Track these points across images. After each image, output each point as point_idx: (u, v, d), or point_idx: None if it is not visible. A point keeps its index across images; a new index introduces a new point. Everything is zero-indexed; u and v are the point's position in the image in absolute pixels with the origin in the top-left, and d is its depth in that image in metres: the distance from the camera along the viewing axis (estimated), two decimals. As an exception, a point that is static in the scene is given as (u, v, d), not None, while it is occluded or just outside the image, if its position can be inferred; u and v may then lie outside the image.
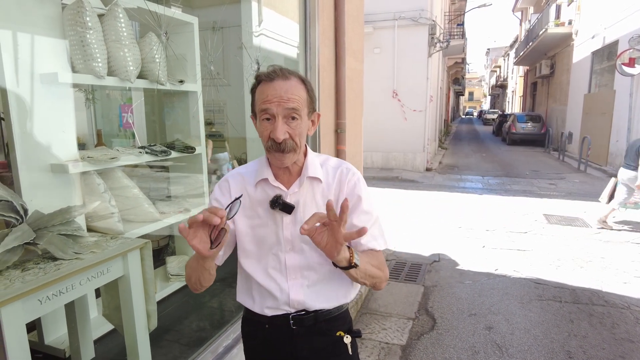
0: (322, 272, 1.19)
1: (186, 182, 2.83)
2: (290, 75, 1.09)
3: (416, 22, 10.85)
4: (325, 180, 1.19)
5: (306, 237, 1.11)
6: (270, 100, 1.06)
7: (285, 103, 1.06)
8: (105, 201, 1.96)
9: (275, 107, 1.06)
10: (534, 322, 3.10)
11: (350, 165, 1.24)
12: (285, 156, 1.10)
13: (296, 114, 1.08)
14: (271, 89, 1.07)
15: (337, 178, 1.20)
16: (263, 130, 1.11)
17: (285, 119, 1.07)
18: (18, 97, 1.62)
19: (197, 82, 2.60)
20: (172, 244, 3.13)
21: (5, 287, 1.18)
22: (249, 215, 1.19)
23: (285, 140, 1.08)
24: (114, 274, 1.52)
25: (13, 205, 1.36)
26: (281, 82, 1.07)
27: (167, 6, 2.36)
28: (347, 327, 1.26)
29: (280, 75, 1.08)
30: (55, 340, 1.95)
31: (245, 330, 1.29)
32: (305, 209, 1.17)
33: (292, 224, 1.17)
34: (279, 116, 1.06)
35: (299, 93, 1.09)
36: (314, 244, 1.06)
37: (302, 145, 1.14)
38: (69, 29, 1.79)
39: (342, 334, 1.24)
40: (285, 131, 1.07)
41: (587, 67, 13.11)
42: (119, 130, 3.84)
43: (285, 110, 1.06)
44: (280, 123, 1.06)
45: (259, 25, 3.27)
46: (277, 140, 1.07)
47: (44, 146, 1.74)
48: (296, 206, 1.16)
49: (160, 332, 2.16)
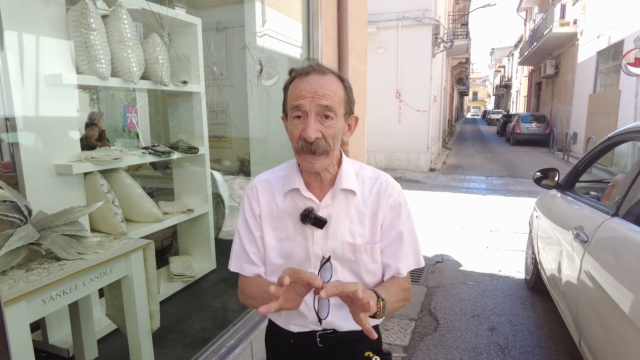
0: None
1: (189, 182, 2.83)
2: (327, 71, 1.00)
3: (420, 22, 10.83)
4: (361, 192, 1.09)
5: (338, 253, 1.07)
6: (304, 96, 0.96)
7: (319, 99, 0.96)
8: (109, 201, 1.97)
9: (308, 103, 0.96)
10: (537, 324, 3.08)
11: (389, 178, 1.13)
12: (316, 159, 0.99)
13: (331, 112, 0.98)
14: (305, 83, 0.97)
15: (375, 191, 1.09)
16: (293, 129, 1.00)
17: (319, 117, 0.97)
18: (23, 98, 1.63)
19: (201, 83, 2.61)
20: (175, 244, 3.14)
21: (9, 287, 1.19)
22: (276, 227, 1.10)
23: (318, 141, 0.97)
24: (117, 274, 1.53)
25: (17, 205, 1.37)
26: (317, 76, 0.98)
27: (170, 7, 2.37)
28: (376, 347, 1.17)
29: (316, 69, 0.99)
30: (59, 339, 1.97)
31: (270, 343, 1.22)
32: (338, 223, 1.07)
33: (324, 239, 1.07)
34: (311, 113, 0.96)
35: (335, 90, 0.99)
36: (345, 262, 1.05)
37: (335, 149, 1.03)
38: (73, 30, 1.80)
39: (371, 354, 1.15)
40: (318, 130, 0.97)
41: (592, 67, 13.03)
42: (122, 130, 3.87)
43: (319, 107, 0.96)
44: (313, 121, 0.96)
45: (263, 26, 3.27)
46: (309, 139, 0.96)
47: (47, 147, 1.75)
48: (328, 220, 1.06)
49: (163, 332, 2.16)
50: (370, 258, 1.08)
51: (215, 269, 2.92)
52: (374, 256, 1.08)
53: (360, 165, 1.15)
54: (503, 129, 21.57)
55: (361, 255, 1.08)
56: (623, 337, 1.52)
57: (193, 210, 2.61)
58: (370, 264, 1.09)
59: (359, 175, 1.11)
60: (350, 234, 1.08)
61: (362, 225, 1.08)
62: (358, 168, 1.13)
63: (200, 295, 2.70)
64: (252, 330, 2.22)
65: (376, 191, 1.09)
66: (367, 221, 1.08)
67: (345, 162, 1.10)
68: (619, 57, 10.58)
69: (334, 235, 1.07)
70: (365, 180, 1.11)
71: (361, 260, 1.08)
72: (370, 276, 1.11)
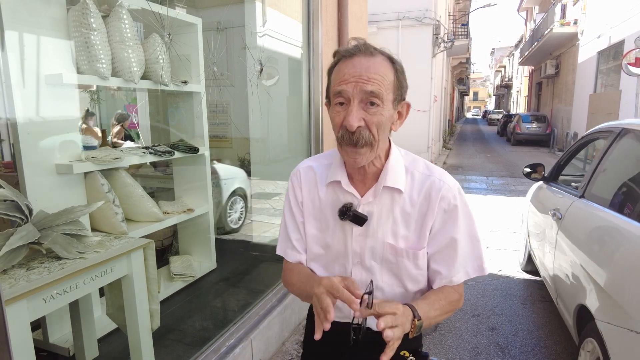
0: (390, 293, 1.04)
1: (190, 182, 2.84)
2: (375, 52, 0.91)
3: (420, 22, 10.83)
4: (409, 191, 0.98)
5: (377, 253, 1.00)
6: (347, 80, 0.88)
7: (364, 84, 0.87)
8: (109, 201, 1.98)
9: (351, 89, 0.87)
10: (537, 324, 3.08)
11: (445, 176, 1.00)
12: (358, 152, 0.90)
13: (377, 98, 0.88)
14: (350, 66, 0.89)
15: (426, 191, 0.98)
16: (335, 117, 0.92)
17: (362, 103, 0.88)
18: (23, 98, 1.64)
19: (201, 83, 2.61)
20: (175, 243, 3.15)
21: (10, 285, 1.19)
22: (317, 217, 1.06)
23: (360, 130, 0.88)
24: (118, 273, 1.53)
25: (18, 205, 1.38)
26: (363, 58, 0.89)
27: (171, 7, 2.37)
28: (413, 347, 1.10)
29: (362, 50, 0.90)
30: (60, 338, 1.97)
31: (309, 327, 1.19)
32: (380, 222, 0.99)
33: (363, 237, 1.00)
34: (354, 100, 0.88)
35: (383, 73, 0.89)
36: (385, 263, 0.99)
37: (381, 141, 0.92)
38: (73, 30, 1.80)
39: (407, 354, 1.07)
40: (361, 118, 0.88)
41: (593, 67, 13.02)
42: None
43: (363, 92, 0.87)
44: (356, 108, 0.87)
45: (263, 26, 3.28)
46: (350, 128, 0.87)
47: (48, 146, 1.75)
48: (369, 218, 0.98)
49: (164, 332, 2.17)
50: (412, 264, 1.00)
51: (215, 268, 2.93)
52: (417, 262, 1.00)
53: (413, 159, 1.03)
54: (503, 129, 21.56)
55: (402, 260, 1.00)
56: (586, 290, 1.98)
57: (193, 210, 2.62)
58: (412, 270, 1.01)
59: (410, 171, 1.00)
60: (393, 235, 1.00)
61: (407, 228, 0.99)
62: (409, 162, 1.02)
63: (200, 295, 2.70)
64: (252, 330, 2.22)
65: (427, 191, 0.97)
66: (414, 223, 0.99)
67: (394, 156, 1.00)
68: (619, 57, 10.57)
69: (374, 235, 1.00)
70: (415, 177, 0.99)
71: (402, 265, 1.01)
72: (412, 283, 1.03)
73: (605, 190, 2.25)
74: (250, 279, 3.02)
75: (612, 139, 2.38)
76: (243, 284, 2.89)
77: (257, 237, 4.03)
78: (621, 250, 1.76)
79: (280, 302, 2.54)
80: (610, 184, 2.26)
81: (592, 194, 2.34)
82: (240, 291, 2.80)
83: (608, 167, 2.33)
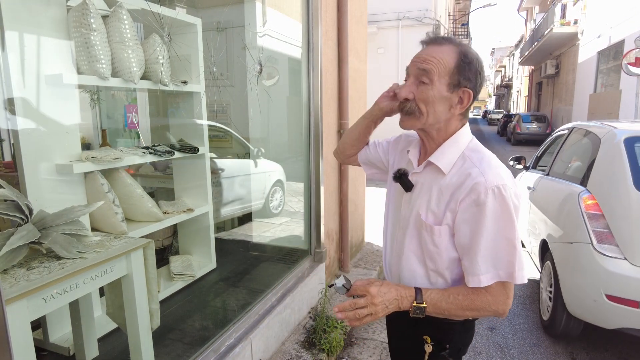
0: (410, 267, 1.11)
1: (189, 182, 2.84)
2: (445, 42, 1.02)
3: (420, 22, 10.84)
4: (451, 175, 1.03)
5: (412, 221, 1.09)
6: (414, 60, 1.04)
7: (419, 63, 1.01)
8: (109, 201, 1.98)
9: (412, 67, 1.03)
10: (536, 324, 3.09)
11: (491, 171, 0.98)
12: (403, 118, 1.05)
13: (426, 77, 0.99)
14: (420, 51, 1.04)
15: (463, 178, 1.00)
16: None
17: (416, 79, 1.02)
18: (24, 98, 1.64)
19: (201, 83, 2.61)
20: (175, 243, 3.15)
21: (10, 285, 1.20)
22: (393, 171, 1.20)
23: (407, 101, 1.03)
24: (118, 273, 1.54)
25: (18, 204, 1.38)
26: (432, 46, 1.03)
27: (171, 7, 2.38)
28: (440, 336, 1.10)
29: (434, 40, 1.04)
30: (60, 338, 1.97)
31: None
32: (420, 194, 1.08)
33: (408, 203, 1.11)
34: (411, 76, 1.03)
35: (441, 57, 0.99)
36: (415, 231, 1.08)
37: (429, 115, 1.02)
38: (73, 30, 1.81)
39: (429, 340, 1.09)
40: (411, 92, 1.02)
41: (593, 67, 13.03)
42: (123, 130, 3.87)
43: (417, 70, 1.01)
44: (410, 82, 1.03)
45: (263, 26, 3.28)
46: (399, 97, 1.04)
47: (48, 147, 1.76)
48: (414, 187, 1.10)
49: (163, 331, 2.17)
50: (430, 238, 1.05)
51: (215, 268, 2.93)
52: (433, 238, 1.05)
53: (474, 149, 1.06)
54: (503, 128, 21.54)
55: (422, 232, 1.07)
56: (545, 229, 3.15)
57: (193, 209, 2.62)
58: (430, 245, 1.06)
59: (463, 157, 1.04)
60: (426, 209, 1.06)
61: (437, 205, 1.05)
62: (470, 150, 1.05)
63: (200, 295, 2.71)
64: (252, 329, 2.23)
65: (464, 178, 1.00)
66: (442, 203, 1.04)
67: (455, 138, 1.06)
68: (619, 57, 10.57)
69: (413, 203, 1.10)
70: (464, 164, 1.03)
71: (423, 238, 1.07)
72: (430, 260, 1.07)
73: (560, 168, 3.33)
74: (250, 278, 3.02)
75: (567, 135, 3.59)
76: (243, 284, 2.90)
77: (256, 237, 4.04)
78: (559, 195, 3.02)
79: (279, 302, 2.54)
80: (563, 164, 3.34)
81: (553, 171, 3.45)
82: (240, 291, 2.80)
83: (563, 153, 3.48)
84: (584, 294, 2.50)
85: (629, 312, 2.32)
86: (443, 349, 1.10)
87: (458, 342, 1.13)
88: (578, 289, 2.56)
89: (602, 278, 2.38)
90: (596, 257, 2.42)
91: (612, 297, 2.36)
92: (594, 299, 2.43)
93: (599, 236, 2.44)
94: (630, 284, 2.29)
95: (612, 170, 2.56)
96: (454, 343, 1.12)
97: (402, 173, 1.10)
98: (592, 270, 2.43)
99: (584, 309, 2.54)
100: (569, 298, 2.63)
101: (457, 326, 1.11)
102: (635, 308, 2.30)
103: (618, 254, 2.37)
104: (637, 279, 2.28)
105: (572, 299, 2.62)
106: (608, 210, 2.46)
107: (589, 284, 2.46)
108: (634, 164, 2.47)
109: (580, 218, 2.56)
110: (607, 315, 2.41)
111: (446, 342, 1.10)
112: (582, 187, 2.70)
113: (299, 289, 2.77)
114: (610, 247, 2.40)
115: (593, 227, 2.48)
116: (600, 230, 2.45)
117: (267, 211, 4.31)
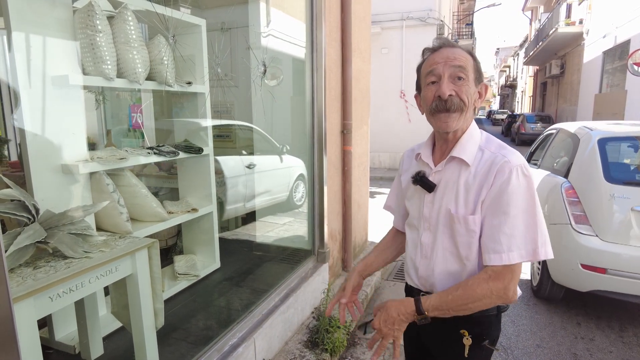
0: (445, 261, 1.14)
1: (194, 182, 2.86)
2: (456, 45, 1.10)
3: (424, 22, 10.81)
4: (475, 166, 1.08)
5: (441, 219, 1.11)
6: (438, 62, 1.06)
7: (452, 61, 1.05)
8: (114, 201, 2.00)
9: (441, 67, 1.05)
10: (540, 324, 3.08)
11: (513, 156, 1.05)
12: (450, 116, 1.06)
13: (463, 73, 1.05)
14: (438, 55, 1.07)
15: (488, 165, 1.05)
16: (427, 94, 1.09)
17: (451, 78, 1.05)
18: (30, 99, 1.65)
19: (205, 84, 2.62)
20: (179, 243, 3.17)
21: (17, 284, 1.21)
22: (407, 186, 1.25)
23: (452, 98, 1.04)
24: (123, 272, 1.55)
25: (25, 204, 1.40)
26: (448, 48, 1.08)
27: (175, 8, 2.39)
28: (477, 330, 1.13)
29: (446, 44, 1.09)
30: (66, 336, 1.99)
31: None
32: (446, 191, 1.11)
33: (431, 203, 1.14)
34: (444, 75, 1.05)
35: (465, 56, 1.07)
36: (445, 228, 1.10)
37: (470, 107, 1.07)
38: (79, 31, 1.82)
39: (466, 333, 1.13)
40: (452, 89, 1.04)
41: (598, 67, 12.95)
42: (128, 130, 3.89)
43: (452, 68, 1.05)
44: (447, 81, 1.05)
45: (267, 26, 3.29)
46: (443, 96, 1.04)
47: (54, 147, 1.77)
48: (437, 185, 1.12)
49: (168, 330, 2.19)
50: (464, 228, 1.08)
51: (219, 267, 2.94)
52: (467, 227, 1.07)
53: (488, 139, 1.13)
54: (508, 129, 21.44)
55: (455, 225, 1.09)
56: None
57: (197, 209, 2.64)
58: (464, 234, 1.08)
59: (482, 149, 1.10)
60: (455, 203, 1.09)
61: (466, 198, 1.08)
62: (485, 141, 1.12)
63: (204, 294, 2.72)
64: (255, 329, 2.24)
65: (488, 165, 1.05)
66: (472, 194, 1.07)
67: (469, 132, 1.11)
68: (625, 57, 10.51)
69: (439, 201, 1.12)
70: (484, 155, 1.08)
71: (455, 230, 1.09)
72: (465, 248, 1.10)
73: (549, 163, 3.90)
74: (254, 278, 3.03)
75: (554, 135, 4.16)
76: (246, 284, 2.91)
77: (260, 237, 4.04)
78: (547, 185, 3.50)
79: (283, 302, 2.55)
80: (551, 159, 3.91)
81: (543, 165, 4.00)
82: (244, 290, 2.81)
83: (551, 149, 4.06)
84: (564, 264, 3.07)
85: (599, 277, 2.90)
86: (482, 340, 1.14)
87: (493, 333, 1.18)
88: (560, 260, 3.11)
89: (578, 251, 2.96)
90: (574, 234, 3.01)
91: (586, 265, 2.93)
92: (572, 268, 3.01)
93: (577, 218, 3.03)
94: (600, 255, 2.88)
95: (587, 165, 3.11)
96: (489, 334, 1.16)
97: (422, 175, 1.14)
98: (571, 245, 3.01)
99: (565, 276, 3.13)
100: (553, 268, 3.23)
101: (492, 317, 1.15)
102: (603, 274, 2.87)
103: (591, 232, 2.96)
104: (605, 251, 2.87)
105: (555, 269, 3.21)
106: (584, 198, 3.04)
107: (568, 256, 3.02)
108: (604, 160, 3.03)
109: (562, 204, 3.14)
110: (582, 281, 2.99)
111: (484, 331, 1.14)
112: (564, 179, 3.27)
113: (302, 289, 2.78)
114: (585, 227, 2.98)
115: (572, 211, 3.06)
116: (577, 213, 3.04)
117: (291, 203, 4.63)
